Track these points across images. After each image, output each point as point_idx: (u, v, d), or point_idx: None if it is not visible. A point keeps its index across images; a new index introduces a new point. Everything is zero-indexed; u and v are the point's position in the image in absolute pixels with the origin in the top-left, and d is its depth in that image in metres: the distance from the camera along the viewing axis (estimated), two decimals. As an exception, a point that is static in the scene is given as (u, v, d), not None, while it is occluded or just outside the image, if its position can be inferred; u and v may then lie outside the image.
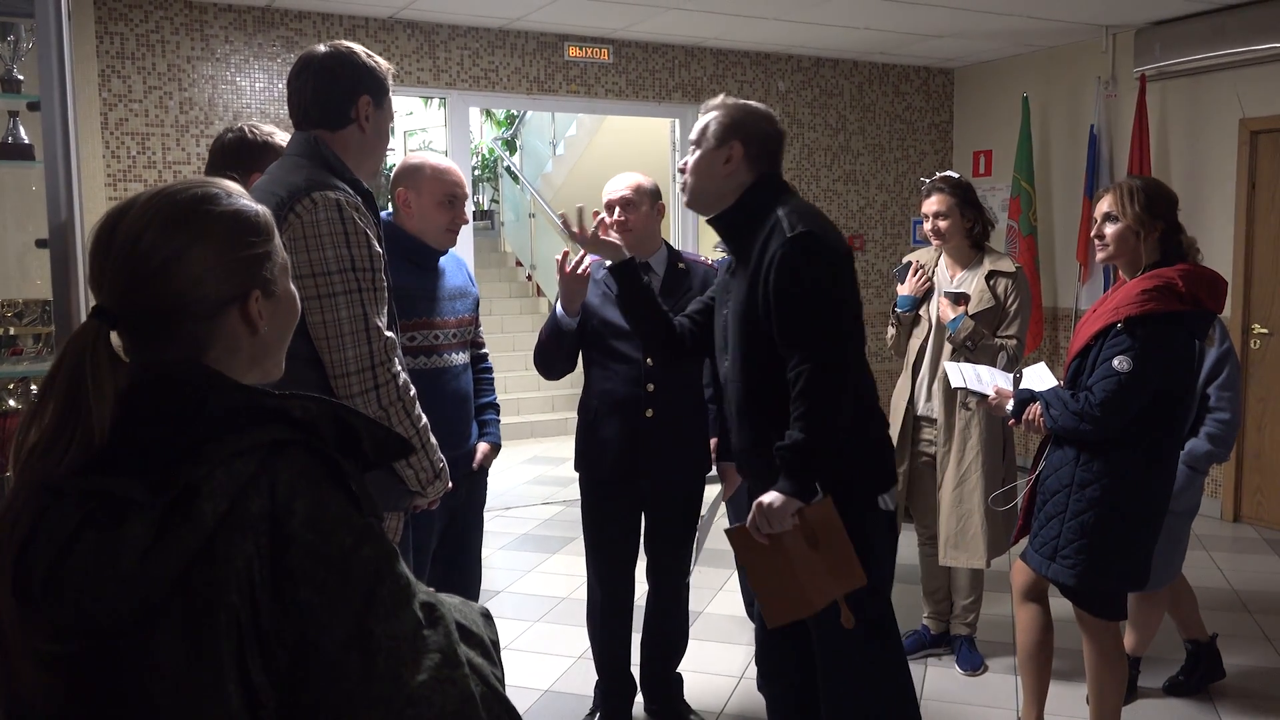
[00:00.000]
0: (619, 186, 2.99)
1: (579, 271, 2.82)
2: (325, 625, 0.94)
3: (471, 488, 2.93)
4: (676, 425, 2.99)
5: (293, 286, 1.18)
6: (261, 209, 1.14)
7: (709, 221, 2.39)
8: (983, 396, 3.09)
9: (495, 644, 1.13)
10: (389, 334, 2.10)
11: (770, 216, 2.23)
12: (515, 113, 10.90)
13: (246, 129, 2.59)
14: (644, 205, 2.97)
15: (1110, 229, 2.70)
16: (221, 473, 0.96)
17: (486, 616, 1.16)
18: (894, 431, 3.69)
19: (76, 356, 1.00)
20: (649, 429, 2.96)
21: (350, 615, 0.95)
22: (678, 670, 3.26)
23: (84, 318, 1.22)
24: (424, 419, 2.19)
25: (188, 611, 0.93)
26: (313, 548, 0.96)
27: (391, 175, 2.85)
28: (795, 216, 2.18)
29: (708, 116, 2.35)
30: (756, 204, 2.28)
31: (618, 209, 2.96)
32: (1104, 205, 2.72)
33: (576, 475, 3.15)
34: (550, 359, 3.04)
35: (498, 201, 11.84)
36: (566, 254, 2.84)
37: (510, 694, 3.35)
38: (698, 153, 2.34)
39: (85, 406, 0.99)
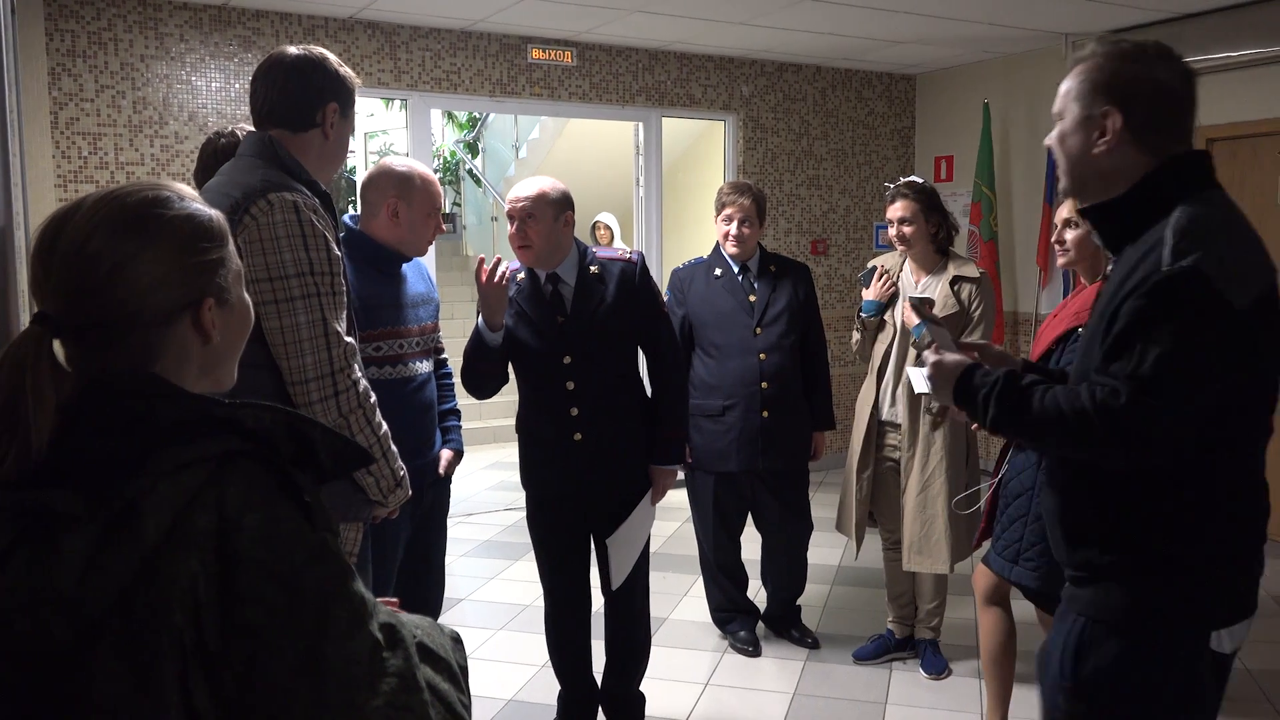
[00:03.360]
0: (521, 196, 2.84)
1: (496, 279, 2.75)
2: (275, 647, 0.90)
3: (435, 496, 2.89)
4: (608, 444, 2.88)
5: (247, 295, 1.13)
6: (215, 213, 1.09)
7: (1080, 211, 1.81)
8: (947, 401, 3.09)
9: (464, 669, 1.09)
10: (348, 339, 2.05)
11: (1159, 227, 1.58)
12: (477, 115, 10.83)
13: (240, 131, 2.53)
14: (546, 218, 2.82)
15: (1071, 234, 2.71)
16: (166, 486, 0.92)
17: (457, 641, 1.11)
18: (858, 437, 3.69)
19: (16, 366, 0.95)
20: (579, 451, 2.88)
21: (302, 637, 0.91)
22: (639, 689, 3.19)
23: (23, 325, 1.16)
24: (384, 426, 2.15)
25: (128, 634, 0.88)
26: (263, 565, 0.92)
27: (365, 180, 2.75)
28: (1187, 239, 1.53)
29: (1072, 72, 1.72)
30: (1147, 205, 1.63)
31: (518, 221, 2.83)
32: (1065, 211, 2.73)
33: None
34: (477, 378, 2.92)
35: (460, 205, 11.75)
36: (482, 260, 2.76)
37: (474, 705, 3.31)
38: (1058, 127, 1.73)
39: (24, 418, 0.94)
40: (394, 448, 2.19)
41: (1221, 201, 1.64)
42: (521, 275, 2.94)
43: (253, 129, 2.44)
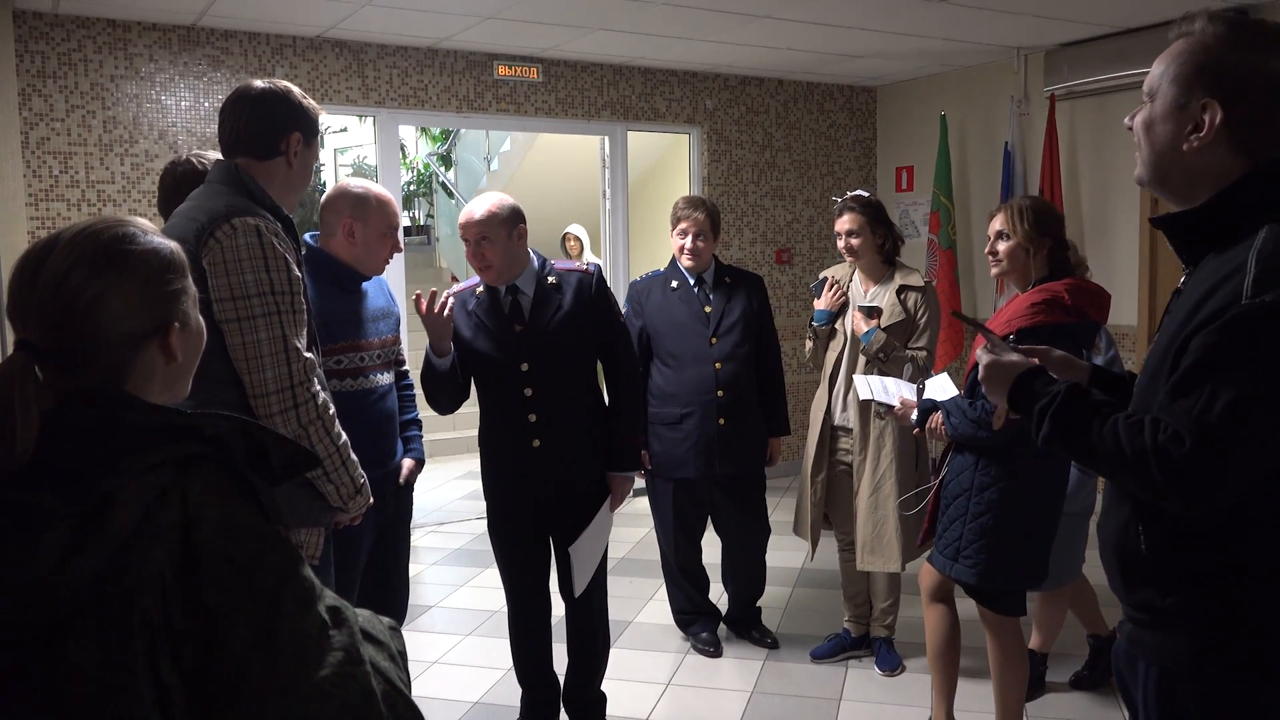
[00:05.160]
0: (473, 220, 2.93)
1: (436, 311, 2.88)
2: (233, 625, 1.02)
3: (398, 504, 2.99)
4: (565, 451, 2.99)
5: (200, 316, 1.25)
6: (174, 245, 1.22)
7: (1152, 221, 1.61)
8: (890, 407, 3.23)
9: (403, 654, 1.21)
10: (308, 355, 2.16)
11: (1246, 246, 1.41)
12: (450, 128, 10.94)
13: (195, 159, 2.63)
14: (500, 236, 2.92)
15: (1003, 246, 2.85)
16: (135, 485, 1.03)
17: (394, 629, 1.24)
18: (812, 442, 3.82)
19: (4, 387, 1.07)
20: (537, 458, 2.97)
21: (256, 615, 1.03)
22: (601, 689, 3.29)
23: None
24: (344, 437, 2.25)
25: (102, 616, 0.99)
26: (222, 553, 1.04)
27: (323, 200, 2.86)
28: (1274, 269, 1.37)
29: (1172, 49, 1.52)
30: (1236, 215, 1.45)
31: (474, 243, 2.94)
32: (996, 224, 2.88)
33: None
34: (436, 396, 3.04)
35: (433, 217, 11.84)
36: (419, 295, 2.90)
37: (439, 707, 3.45)
38: (1146, 110, 1.54)
39: (10, 430, 1.06)
40: (353, 457, 2.29)
41: None
42: (480, 289, 3.04)
43: (206, 153, 2.58)
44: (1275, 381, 1.35)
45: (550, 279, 3.02)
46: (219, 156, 2.63)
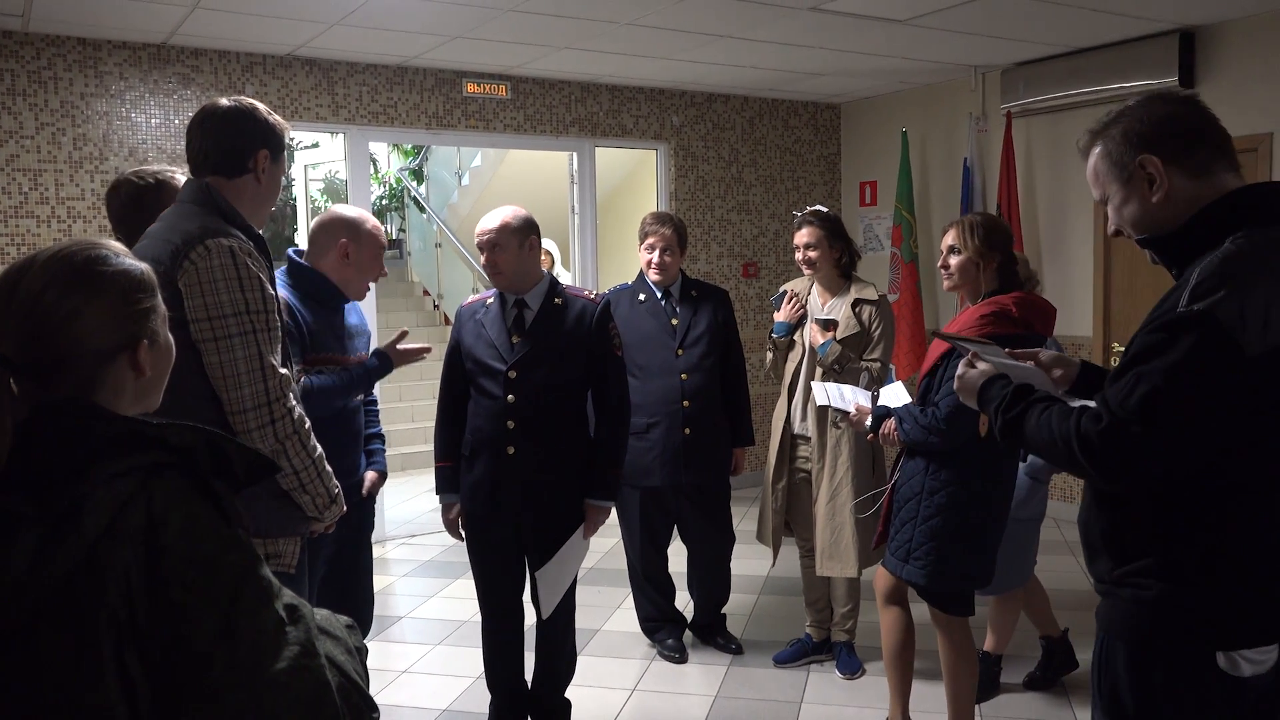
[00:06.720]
0: (486, 227, 3.05)
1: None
2: (195, 621, 1.09)
3: (360, 515, 3.05)
4: (539, 464, 3.04)
5: (170, 334, 1.32)
6: (145, 266, 1.29)
7: (1139, 241, 1.77)
8: (846, 413, 3.33)
9: (360, 650, 1.28)
10: (283, 371, 2.22)
11: (1196, 263, 1.61)
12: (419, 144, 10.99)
13: (134, 177, 2.67)
14: (511, 246, 3.03)
15: (954, 260, 2.96)
16: (104, 491, 1.10)
17: (351, 627, 1.31)
18: (773, 450, 3.91)
19: None
20: (511, 465, 3.04)
21: (217, 612, 1.09)
22: (565, 697, 3.35)
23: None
24: (319, 449, 2.31)
25: (72, 614, 1.06)
26: (185, 554, 1.11)
27: (316, 223, 2.96)
28: (1211, 281, 1.54)
29: (1089, 162, 1.78)
30: (1207, 232, 1.64)
31: (487, 251, 3.05)
32: (948, 239, 2.99)
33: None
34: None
35: (405, 231, 11.88)
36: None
37: (409, 715, 3.51)
38: (1111, 209, 1.78)
39: None
40: (328, 468, 2.35)
41: (1275, 240, 1.60)
42: (491, 300, 3.15)
43: (146, 168, 2.67)
44: (1189, 382, 1.52)
45: (557, 299, 3.11)
46: (160, 169, 2.70)
